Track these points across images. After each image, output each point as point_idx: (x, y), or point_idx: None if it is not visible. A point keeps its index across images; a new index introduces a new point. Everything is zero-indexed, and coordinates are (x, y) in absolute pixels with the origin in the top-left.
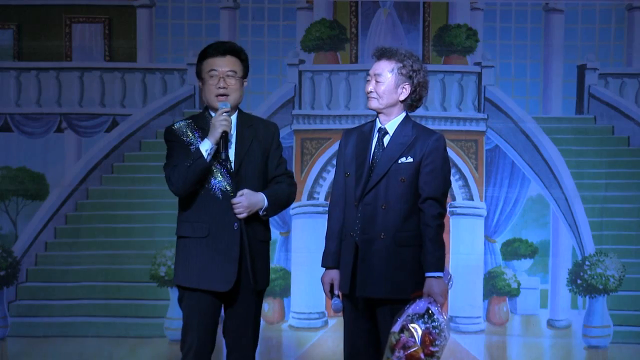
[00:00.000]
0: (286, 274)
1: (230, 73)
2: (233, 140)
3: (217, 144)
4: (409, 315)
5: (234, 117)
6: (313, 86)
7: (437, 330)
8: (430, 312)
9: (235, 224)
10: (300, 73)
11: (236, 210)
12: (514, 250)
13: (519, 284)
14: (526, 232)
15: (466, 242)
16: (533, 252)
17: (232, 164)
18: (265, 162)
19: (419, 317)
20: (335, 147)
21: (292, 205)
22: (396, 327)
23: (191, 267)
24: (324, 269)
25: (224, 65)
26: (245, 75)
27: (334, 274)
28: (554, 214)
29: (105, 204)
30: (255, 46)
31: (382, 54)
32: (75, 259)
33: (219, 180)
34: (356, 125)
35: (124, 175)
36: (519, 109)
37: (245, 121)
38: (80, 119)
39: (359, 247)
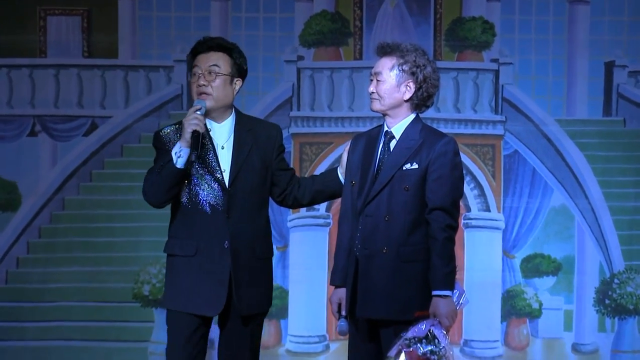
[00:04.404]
0: (283, 293)
1: (212, 69)
2: (230, 147)
3: (190, 146)
4: (406, 339)
5: (229, 121)
6: (313, 85)
7: (435, 357)
8: (431, 335)
9: (226, 241)
10: (298, 71)
11: None
12: (535, 266)
13: (540, 304)
14: (548, 247)
15: (482, 257)
16: (556, 269)
17: (227, 175)
18: (266, 170)
19: (417, 340)
20: (337, 152)
21: (290, 217)
22: (392, 352)
23: (179, 289)
24: (333, 287)
25: (206, 61)
26: (237, 74)
27: (342, 293)
28: (579, 227)
29: (83, 216)
30: (249, 41)
31: (383, 50)
32: (51, 276)
33: (208, 193)
34: (360, 128)
35: (104, 183)
36: (541, 110)
37: (245, 125)
38: (55, 121)
39: (359, 262)
